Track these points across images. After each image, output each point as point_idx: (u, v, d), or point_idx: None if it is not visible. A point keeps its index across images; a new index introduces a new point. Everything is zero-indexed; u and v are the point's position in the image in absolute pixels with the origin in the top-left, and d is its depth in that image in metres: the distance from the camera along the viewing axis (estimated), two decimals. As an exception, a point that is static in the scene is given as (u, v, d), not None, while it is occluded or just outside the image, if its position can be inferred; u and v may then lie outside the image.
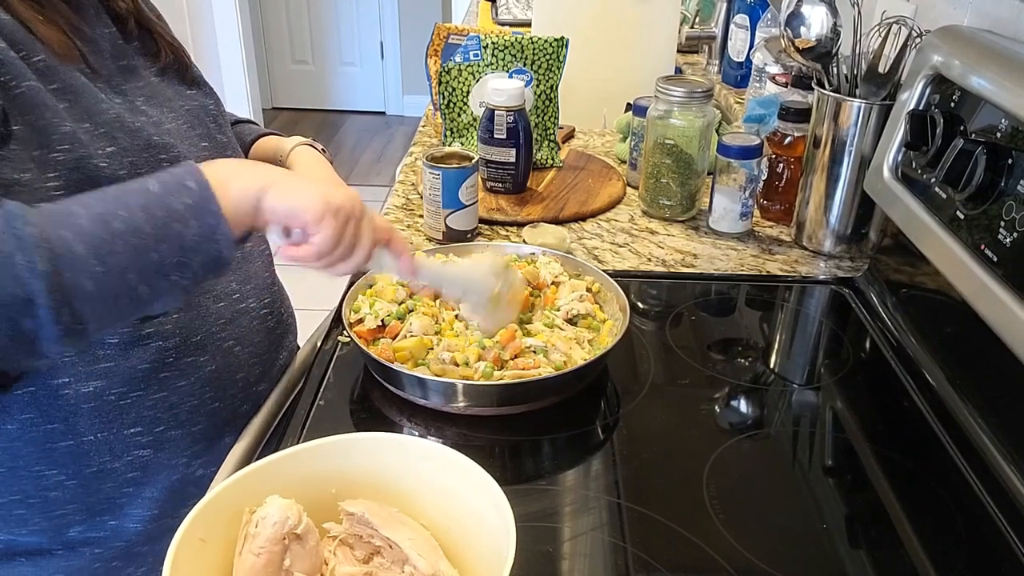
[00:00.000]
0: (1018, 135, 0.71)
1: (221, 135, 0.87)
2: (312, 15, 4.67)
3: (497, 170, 1.21)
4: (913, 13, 1.11)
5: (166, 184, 0.62)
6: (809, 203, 1.09)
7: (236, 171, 0.67)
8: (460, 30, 1.44)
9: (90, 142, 0.69)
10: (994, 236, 0.72)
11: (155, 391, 0.76)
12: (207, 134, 0.85)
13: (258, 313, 0.87)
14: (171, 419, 0.78)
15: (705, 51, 2.01)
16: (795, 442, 0.79)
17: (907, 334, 0.90)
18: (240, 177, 0.66)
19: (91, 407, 0.73)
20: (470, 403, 0.77)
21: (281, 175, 0.69)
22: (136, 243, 0.59)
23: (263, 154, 0.97)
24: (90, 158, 0.68)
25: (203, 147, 0.83)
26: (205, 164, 0.65)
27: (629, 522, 0.67)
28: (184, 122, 0.82)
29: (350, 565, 0.56)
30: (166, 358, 0.76)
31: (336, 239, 0.67)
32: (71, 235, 0.57)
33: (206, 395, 0.80)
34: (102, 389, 0.73)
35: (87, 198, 0.61)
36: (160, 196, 0.62)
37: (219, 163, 0.68)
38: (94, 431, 0.74)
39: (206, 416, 0.80)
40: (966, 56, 0.82)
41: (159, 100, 0.80)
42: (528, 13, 1.94)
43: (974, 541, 0.66)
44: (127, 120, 0.73)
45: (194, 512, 0.52)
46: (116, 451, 0.75)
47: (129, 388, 0.75)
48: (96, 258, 0.58)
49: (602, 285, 0.91)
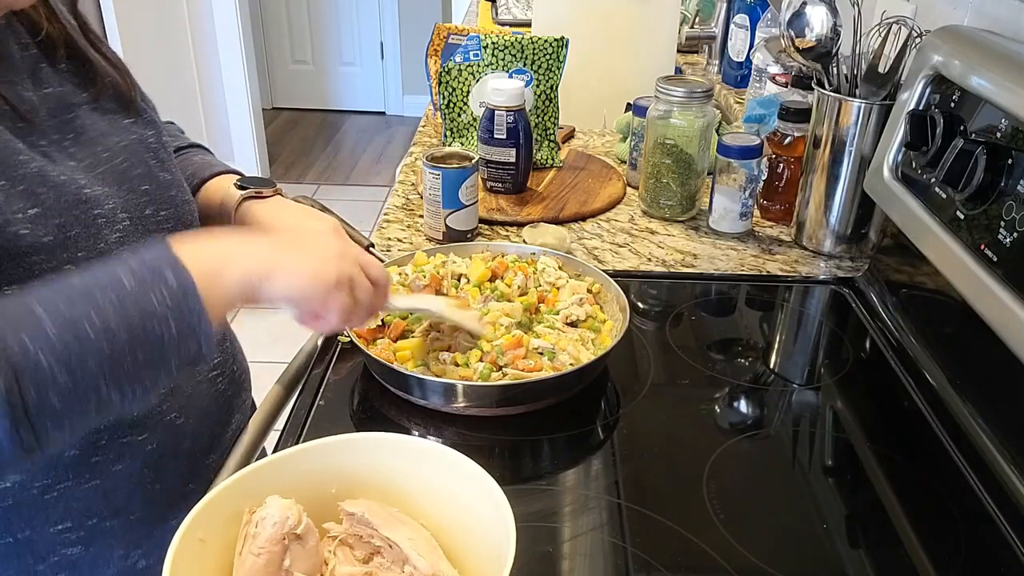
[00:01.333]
0: (1018, 135, 0.71)
1: (164, 172, 0.76)
2: (312, 15, 4.67)
3: (497, 170, 1.21)
4: (913, 13, 1.11)
5: (140, 278, 0.54)
6: (809, 203, 1.09)
7: (223, 258, 0.60)
8: (460, 30, 1.44)
9: (6, 204, 0.58)
10: (994, 236, 0.72)
11: (86, 479, 0.67)
12: (148, 174, 0.74)
13: (205, 376, 0.79)
14: (104, 508, 0.69)
15: (705, 51, 2.01)
16: (795, 442, 0.79)
17: (907, 334, 0.90)
18: (230, 267, 0.59)
19: (9, 505, 0.65)
20: (470, 404, 0.77)
21: (271, 255, 0.63)
22: (109, 351, 0.52)
23: (208, 206, 0.85)
24: (8, 224, 0.58)
25: (143, 191, 0.72)
26: (184, 246, 0.58)
27: (629, 522, 0.67)
28: (122, 160, 0.72)
29: (350, 565, 0.56)
30: (98, 441, 0.67)
31: (348, 307, 0.65)
32: (33, 342, 0.49)
33: (145, 478, 0.71)
34: (22, 484, 0.64)
35: (47, 293, 0.53)
36: (135, 294, 0.54)
37: (200, 246, 0.59)
38: (13, 532, 0.65)
39: (145, 501, 0.72)
40: (966, 56, 0.82)
41: (90, 137, 0.70)
42: (528, 13, 1.94)
43: (974, 541, 0.66)
44: (50, 173, 0.62)
45: (194, 512, 0.52)
46: (40, 552, 0.67)
47: (55, 480, 0.66)
48: (65, 371, 0.50)
49: (602, 285, 0.91)
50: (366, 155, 4.39)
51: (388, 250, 1.09)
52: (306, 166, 4.23)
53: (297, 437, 0.76)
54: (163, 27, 3.25)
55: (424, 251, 0.95)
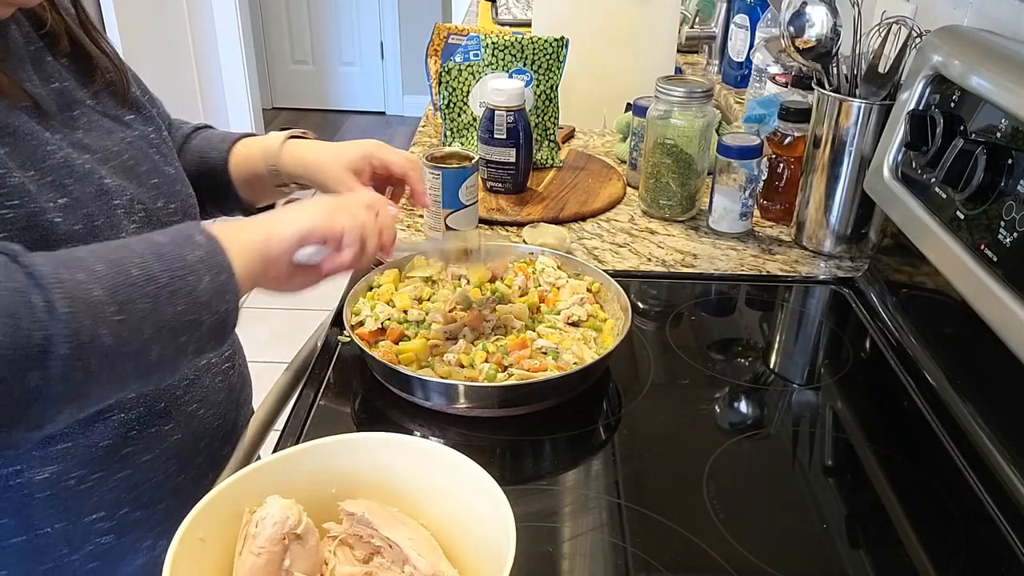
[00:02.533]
0: (1018, 135, 0.71)
1: (168, 167, 0.78)
2: (312, 15, 4.67)
3: (497, 170, 1.21)
4: (913, 13, 1.11)
5: (173, 238, 0.58)
6: (809, 203, 1.09)
7: (237, 227, 0.64)
8: (460, 30, 1.44)
9: (39, 193, 0.60)
10: (994, 236, 0.72)
11: (117, 470, 0.69)
12: (154, 169, 0.75)
13: (220, 368, 0.81)
14: (134, 500, 0.71)
15: (705, 51, 2.01)
16: (795, 442, 0.79)
17: (907, 334, 0.90)
18: (243, 230, 0.63)
19: (46, 496, 0.66)
20: (473, 405, 0.77)
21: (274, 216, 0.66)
22: (154, 292, 0.54)
23: (247, 161, 0.89)
24: (43, 213, 0.59)
25: (152, 184, 0.74)
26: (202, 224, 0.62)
27: (629, 522, 0.67)
28: (128, 156, 0.73)
29: (350, 565, 0.56)
30: (129, 431, 0.70)
31: (359, 232, 0.66)
32: (86, 277, 0.51)
33: (171, 468, 0.74)
34: (59, 474, 0.66)
35: (90, 248, 0.55)
36: (172, 247, 0.57)
37: (216, 223, 0.63)
38: (51, 522, 0.66)
39: (171, 492, 0.74)
40: (966, 56, 0.82)
41: (99, 132, 0.71)
42: (528, 13, 1.94)
43: (974, 541, 0.66)
44: (75, 163, 0.64)
45: (194, 512, 0.52)
46: (75, 542, 0.68)
47: (90, 470, 0.68)
48: (115, 304, 0.51)
49: (602, 285, 0.91)
50: (366, 155, 4.39)
51: (388, 250, 1.09)
52: (306, 166, 4.23)
53: (297, 437, 0.76)
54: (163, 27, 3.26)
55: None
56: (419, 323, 0.84)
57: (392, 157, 0.86)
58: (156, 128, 0.79)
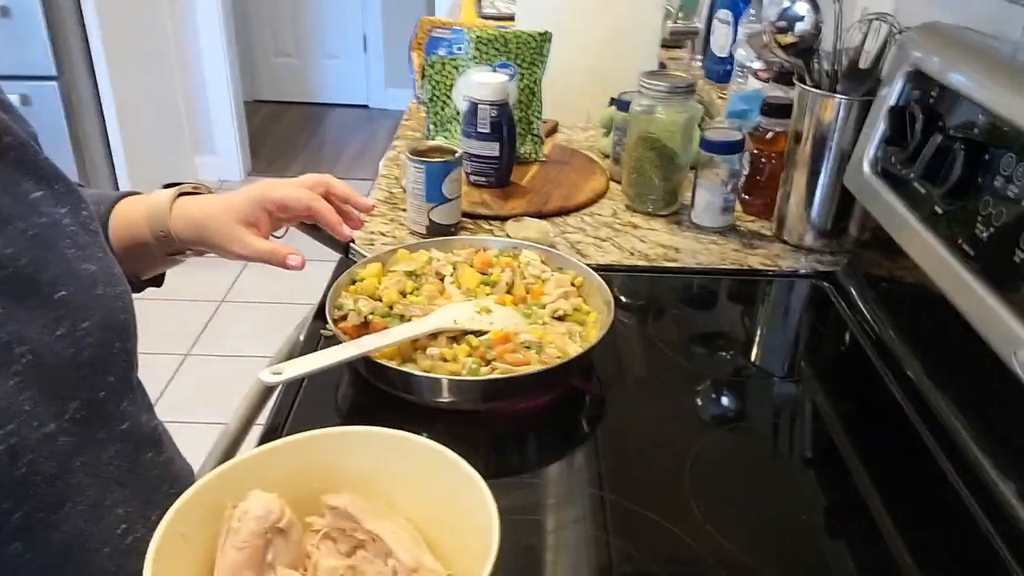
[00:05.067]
0: (996, 131, 0.72)
1: (87, 263, 0.60)
2: (295, 7, 4.64)
3: (480, 164, 1.21)
4: (893, 9, 1.12)
5: None
6: (790, 198, 1.09)
7: None
8: (444, 24, 1.43)
9: None
10: (971, 231, 0.72)
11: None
12: (65, 273, 0.58)
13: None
14: None
15: (688, 46, 2.02)
16: (775, 435, 0.80)
17: (886, 327, 0.91)
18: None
19: None
20: (456, 399, 0.77)
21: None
22: None
23: (128, 227, 0.77)
24: None
25: (59, 299, 0.56)
26: None
27: (612, 514, 0.68)
28: (27, 261, 0.55)
29: (333, 559, 0.56)
30: None
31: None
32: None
33: None
34: None
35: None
36: None
37: None
38: None
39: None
40: (945, 52, 0.82)
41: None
42: (512, 7, 1.94)
43: (952, 532, 0.67)
44: None
45: (175, 507, 0.52)
46: None
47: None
48: None
49: (585, 279, 0.91)
50: (349, 149, 4.37)
51: (371, 244, 1.09)
52: (288, 160, 4.21)
53: (280, 431, 0.76)
54: (144, 20, 3.22)
55: (406, 247, 0.94)
56: (402, 317, 0.84)
57: (287, 193, 0.79)
58: (73, 209, 0.60)
